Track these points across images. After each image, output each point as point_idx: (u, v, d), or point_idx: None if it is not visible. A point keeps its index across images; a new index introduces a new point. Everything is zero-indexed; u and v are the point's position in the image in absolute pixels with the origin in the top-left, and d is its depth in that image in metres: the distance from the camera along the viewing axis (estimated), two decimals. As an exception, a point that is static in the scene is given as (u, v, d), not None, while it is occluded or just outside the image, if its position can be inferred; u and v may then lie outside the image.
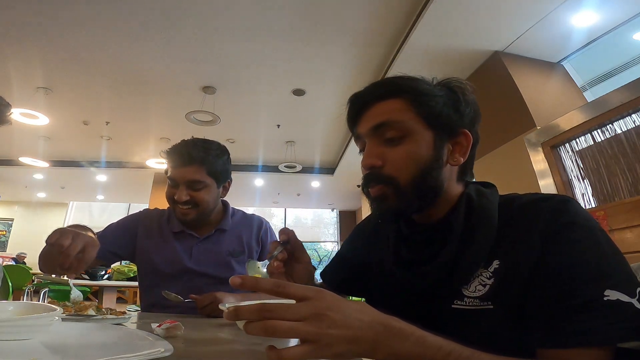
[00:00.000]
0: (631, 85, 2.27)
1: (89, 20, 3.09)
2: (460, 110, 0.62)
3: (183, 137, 1.26)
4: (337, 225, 10.60)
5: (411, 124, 0.59)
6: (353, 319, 0.39)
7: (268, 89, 4.27)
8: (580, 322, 0.43)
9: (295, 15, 3.03)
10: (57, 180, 8.19)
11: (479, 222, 0.57)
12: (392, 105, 0.61)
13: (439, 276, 0.56)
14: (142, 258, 1.23)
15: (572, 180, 2.67)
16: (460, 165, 0.63)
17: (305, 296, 0.39)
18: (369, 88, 0.65)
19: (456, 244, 0.56)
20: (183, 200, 1.13)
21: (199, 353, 0.54)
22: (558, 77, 3.22)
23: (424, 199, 0.60)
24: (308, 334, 0.36)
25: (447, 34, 2.97)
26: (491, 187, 0.64)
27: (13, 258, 8.26)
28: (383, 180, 0.60)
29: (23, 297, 3.76)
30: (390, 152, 0.60)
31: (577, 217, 0.51)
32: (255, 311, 0.37)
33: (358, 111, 0.64)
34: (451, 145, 0.62)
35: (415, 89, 0.61)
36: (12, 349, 0.43)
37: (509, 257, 0.53)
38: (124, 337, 0.55)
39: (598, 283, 0.45)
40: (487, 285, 0.53)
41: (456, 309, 0.55)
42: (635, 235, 2.09)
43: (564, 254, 0.48)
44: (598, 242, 0.49)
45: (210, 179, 1.16)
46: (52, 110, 4.60)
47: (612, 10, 2.64)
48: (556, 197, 0.55)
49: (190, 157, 1.13)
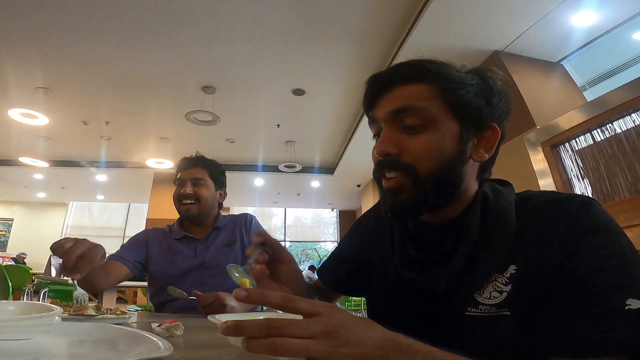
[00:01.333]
0: (631, 84, 2.27)
1: (88, 21, 3.09)
2: (492, 102, 0.56)
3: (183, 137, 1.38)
4: (337, 225, 10.60)
5: (436, 113, 0.54)
6: (363, 336, 0.37)
7: (268, 88, 4.27)
8: (601, 331, 0.41)
9: (295, 15, 3.03)
10: (57, 180, 8.19)
11: (495, 223, 0.53)
12: (417, 89, 0.55)
13: (452, 280, 0.53)
14: (152, 262, 1.39)
15: (572, 180, 2.67)
16: (482, 162, 0.58)
17: (316, 312, 0.37)
18: (393, 68, 0.59)
19: (471, 247, 0.52)
20: (187, 193, 1.37)
21: (199, 353, 0.54)
22: (558, 76, 3.22)
23: (442, 195, 0.55)
24: (320, 352, 0.34)
25: (447, 33, 2.97)
26: (508, 185, 0.60)
27: (13, 258, 8.26)
28: (401, 168, 0.54)
29: (23, 297, 3.77)
30: (408, 141, 0.54)
31: (601, 221, 0.48)
32: (262, 327, 0.33)
33: (377, 92, 0.58)
34: (477, 139, 0.56)
35: (446, 74, 0.55)
36: (12, 349, 0.43)
37: (527, 262, 0.50)
38: (124, 337, 0.55)
39: (620, 291, 0.43)
40: (504, 292, 0.50)
41: (470, 315, 0.52)
42: (635, 234, 2.08)
43: (586, 259, 0.46)
44: (622, 247, 0.46)
45: (210, 180, 1.44)
46: (52, 110, 4.60)
47: (612, 10, 2.64)
48: (578, 197, 0.51)
49: (197, 161, 1.46)
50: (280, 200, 9.65)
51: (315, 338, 0.34)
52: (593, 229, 0.47)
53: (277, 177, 7.32)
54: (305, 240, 11.36)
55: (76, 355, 0.45)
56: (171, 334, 0.62)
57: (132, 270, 1.32)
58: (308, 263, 10.17)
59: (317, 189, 8.34)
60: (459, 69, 0.58)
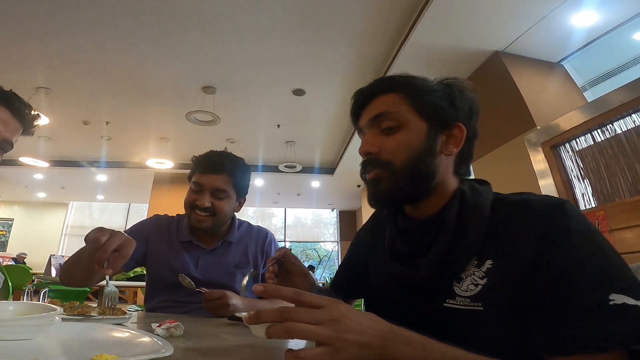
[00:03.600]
0: (631, 85, 2.27)
1: (89, 21, 3.09)
2: (456, 104, 0.65)
3: (183, 137, 1.29)
4: (337, 225, 10.59)
5: (406, 115, 0.64)
6: (365, 326, 0.41)
7: (268, 88, 4.27)
8: (587, 327, 0.43)
9: (295, 15, 3.03)
10: (57, 180, 8.19)
11: (470, 217, 0.59)
12: (390, 98, 0.66)
13: (431, 268, 0.58)
14: (151, 263, 1.26)
15: (572, 180, 2.67)
16: (456, 159, 0.66)
17: (321, 304, 0.42)
18: (370, 84, 0.70)
19: (449, 237, 0.58)
20: (204, 207, 1.16)
21: (199, 353, 0.54)
22: (558, 77, 3.22)
23: (417, 185, 0.63)
24: (325, 336, 0.39)
25: (447, 34, 2.97)
26: (485, 184, 0.66)
27: (13, 258, 8.26)
28: (379, 165, 0.64)
29: (23, 297, 3.77)
30: (386, 141, 0.64)
31: (575, 221, 0.50)
32: (277, 314, 0.40)
33: (360, 106, 0.70)
34: (445, 136, 0.65)
35: (412, 84, 0.66)
36: (12, 349, 0.43)
37: (501, 258, 0.54)
38: (124, 337, 0.55)
39: (603, 287, 0.44)
40: (479, 285, 0.54)
41: (448, 307, 0.55)
42: (635, 235, 2.08)
43: (564, 258, 0.48)
44: (599, 245, 0.49)
45: (233, 190, 1.22)
46: (52, 110, 4.60)
47: (612, 10, 2.64)
48: (551, 199, 0.55)
49: (222, 166, 1.19)
50: (281, 200, 9.64)
51: (323, 324, 0.40)
52: (568, 229, 0.50)
53: (277, 177, 7.32)
54: (305, 240, 11.35)
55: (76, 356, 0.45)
56: (171, 334, 0.62)
57: (123, 267, 1.17)
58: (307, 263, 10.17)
59: (317, 189, 8.33)
60: (428, 80, 0.68)
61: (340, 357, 0.39)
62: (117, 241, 0.74)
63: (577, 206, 2.61)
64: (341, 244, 10.22)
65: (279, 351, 0.60)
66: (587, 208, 2.50)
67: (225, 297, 1.03)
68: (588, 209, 2.48)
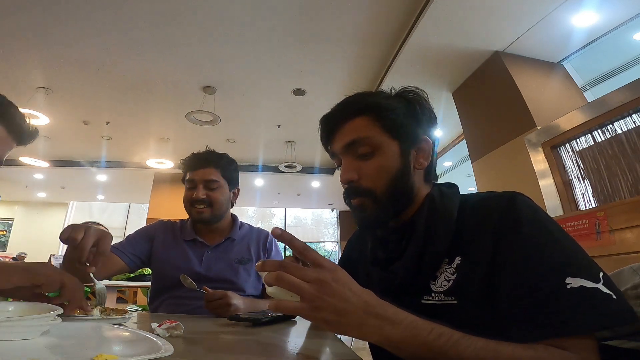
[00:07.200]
0: (631, 85, 2.27)
1: (89, 21, 3.09)
2: (418, 118, 0.68)
3: (183, 137, 1.33)
4: (337, 225, 10.59)
5: (378, 138, 0.65)
6: (351, 294, 0.43)
7: (268, 89, 4.27)
8: (548, 313, 0.44)
9: (295, 16, 3.03)
10: (57, 180, 8.19)
11: (438, 221, 0.61)
12: (359, 122, 0.67)
13: (407, 271, 0.61)
14: (156, 263, 1.30)
15: (573, 181, 2.67)
16: (425, 168, 0.69)
17: (321, 264, 0.45)
18: (336, 108, 0.71)
19: (420, 242, 0.61)
20: (200, 198, 1.26)
21: (199, 353, 0.54)
22: (558, 77, 3.22)
23: (400, 203, 0.66)
24: (307, 293, 0.42)
25: (448, 34, 2.97)
26: (453, 187, 0.69)
27: (13, 258, 8.25)
28: (362, 193, 0.66)
29: (23, 297, 3.76)
30: (364, 166, 0.65)
31: (524, 212, 0.53)
32: (276, 265, 0.46)
33: (330, 131, 0.71)
34: (415, 151, 0.67)
35: (378, 104, 0.67)
36: (12, 349, 0.43)
37: (468, 254, 0.57)
38: (124, 337, 0.55)
39: (557, 272, 0.46)
40: (451, 280, 0.57)
41: (425, 304, 0.58)
42: (635, 235, 2.08)
43: (517, 249, 0.50)
44: (549, 232, 0.51)
45: (223, 180, 1.32)
46: (52, 110, 4.60)
47: (612, 10, 2.64)
48: (506, 194, 0.58)
49: (208, 160, 1.31)
50: (281, 200, 9.64)
51: (310, 283, 0.43)
52: (517, 220, 0.53)
53: (277, 177, 7.32)
54: (305, 240, 11.26)
55: (76, 356, 0.45)
56: (171, 334, 0.62)
57: (129, 264, 1.22)
58: (308, 263, 10.17)
59: (318, 189, 8.33)
60: (387, 94, 0.70)
61: (315, 316, 0.42)
62: (92, 238, 0.74)
63: (577, 206, 2.61)
64: (341, 244, 10.21)
65: (279, 351, 0.60)
66: (587, 208, 2.50)
67: (227, 297, 1.04)
68: (588, 209, 2.47)
